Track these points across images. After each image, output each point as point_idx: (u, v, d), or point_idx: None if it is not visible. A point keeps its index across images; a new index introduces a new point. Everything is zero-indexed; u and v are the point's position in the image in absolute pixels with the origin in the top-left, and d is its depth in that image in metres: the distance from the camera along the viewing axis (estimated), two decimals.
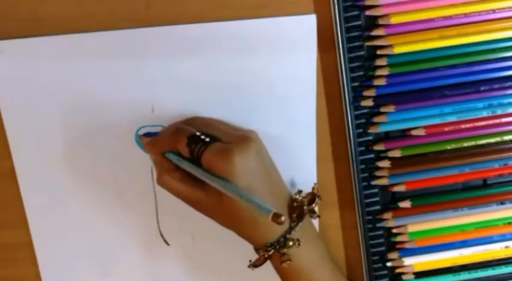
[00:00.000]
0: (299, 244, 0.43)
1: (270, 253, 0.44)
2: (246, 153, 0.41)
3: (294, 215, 0.44)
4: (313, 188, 0.48)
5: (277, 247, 0.43)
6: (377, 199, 0.51)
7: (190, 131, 0.43)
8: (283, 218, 0.36)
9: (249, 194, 0.39)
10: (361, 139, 0.49)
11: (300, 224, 0.44)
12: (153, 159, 0.46)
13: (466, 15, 0.46)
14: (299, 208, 0.45)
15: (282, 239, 0.43)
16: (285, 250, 0.43)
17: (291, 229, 0.44)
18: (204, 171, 0.41)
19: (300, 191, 0.46)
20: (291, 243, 0.43)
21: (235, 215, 0.42)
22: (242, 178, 0.40)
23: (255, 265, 0.45)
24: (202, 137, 0.42)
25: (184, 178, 0.44)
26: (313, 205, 0.46)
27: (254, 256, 0.45)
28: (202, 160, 0.41)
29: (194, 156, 0.42)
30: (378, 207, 0.51)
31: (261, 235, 0.44)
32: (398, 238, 0.51)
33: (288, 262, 0.43)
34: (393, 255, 0.52)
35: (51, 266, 0.52)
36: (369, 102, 0.48)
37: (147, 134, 0.48)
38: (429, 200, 0.51)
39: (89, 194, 0.50)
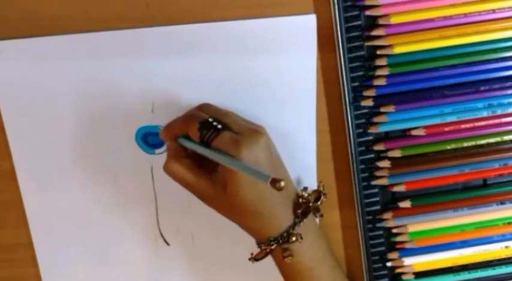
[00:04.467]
0: (301, 238, 0.43)
1: (272, 247, 0.44)
2: (255, 145, 0.41)
3: (299, 212, 0.44)
4: (318, 186, 0.48)
5: (280, 241, 0.44)
6: (377, 199, 0.51)
7: (203, 116, 0.43)
8: (282, 183, 0.35)
9: (249, 165, 0.39)
10: (361, 139, 0.49)
11: (304, 220, 0.44)
12: (167, 144, 0.46)
13: (466, 15, 0.46)
14: (305, 205, 0.45)
15: (285, 234, 0.43)
16: (287, 245, 0.44)
17: (294, 225, 0.44)
18: (217, 152, 0.41)
19: (305, 188, 0.46)
20: (293, 238, 0.43)
21: (240, 208, 0.42)
22: None
23: (256, 258, 0.45)
24: (215, 123, 0.42)
25: (191, 167, 0.43)
26: (319, 202, 0.46)
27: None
28: (213, 146, 0.41)
29: (204, 142, 0.42)
30: (377, 207, 0.51)
31: (264, 228, 0.44)
32: (398, 238, 0.51)
33: (290, 258, 0.44)
34: (393, 255, 0.52)
35: (51, 266, 0.52)
36: (369, 102, 0.48)
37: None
38: (429, 200, 0.51)
39: (89, 195, 0.50)
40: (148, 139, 0.49)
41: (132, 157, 0.49)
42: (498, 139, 0.49)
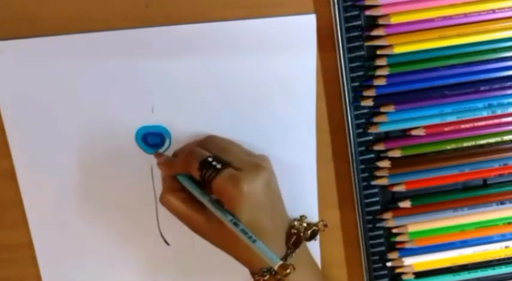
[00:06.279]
0: (294, 269, 0.43)
1: (265, 278, 0.44)
2: (255, 182, 0.41)
3: (291, 243, 0.45)
4: (317, 224, 0.48)
5: (273, 272, 0.44)
6: (377, 199, 0.51)
7: (202, 155, 0.43)
8: (289, 270, 0.38)
9: (260, 242, 0.39)
10: (361, 139, 0.49)
11: (297, 250, 0.44)
12: (163, 176, 0.47)
13: (466, 15, 0.46)
14: (296, 235, 0.45)
15: None
16: (279, 276, 0.44)
17: (286, 256, 0.44)
18: (215, 205, 0.42)
19: (301, 217, 0.47)
20: (287, 270, 0.43)
21: (234, 241, 0.43)
22: (247, 206, 0.41)
23: None
24: (214, 163, 0.42)
25: (187, 200, 0.44)
26: (313, 239, 0.47)
27: None
28: (213, 185, 0.42)
29: (205, 180, 0.42)
30: (377, 207, 0.51)
31: (257, 260, 0.43)
32: (398, 238, 0.51)
33: None
34: (393, 255, 0.52)
35: (51, 266, 0.52)
36: (369, 102, 0.48)
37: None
38: (429, 200, 0.51)
39: (89, 195, 0.50)
40: (148, 139, 0.49)
41: (132, 157, 0.49)
42: (498, 139, 0.49)
